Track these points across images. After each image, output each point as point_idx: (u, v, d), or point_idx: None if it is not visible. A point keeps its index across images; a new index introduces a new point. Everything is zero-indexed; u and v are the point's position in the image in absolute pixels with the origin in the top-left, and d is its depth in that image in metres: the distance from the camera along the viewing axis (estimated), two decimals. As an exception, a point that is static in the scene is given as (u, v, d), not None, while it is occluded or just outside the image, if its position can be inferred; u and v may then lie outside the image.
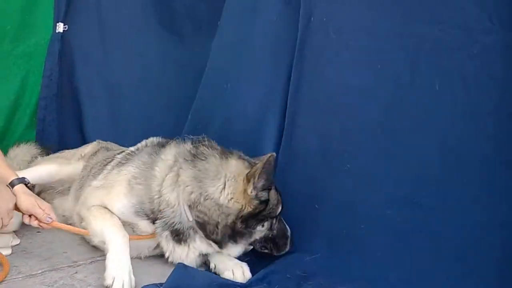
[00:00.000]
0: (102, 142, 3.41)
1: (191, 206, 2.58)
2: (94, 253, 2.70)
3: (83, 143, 3.60)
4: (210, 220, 2.56)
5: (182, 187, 2.60)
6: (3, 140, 3.74)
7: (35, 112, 3.98)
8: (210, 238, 2.60)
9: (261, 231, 2.68)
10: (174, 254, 2.64)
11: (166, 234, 2.63)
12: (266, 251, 2.76)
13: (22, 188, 2.53)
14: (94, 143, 3.42)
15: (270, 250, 2.75)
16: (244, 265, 2.65)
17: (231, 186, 2.57)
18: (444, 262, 2.48)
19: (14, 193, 2.47)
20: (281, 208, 2.70)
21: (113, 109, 3.99)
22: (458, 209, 2.47)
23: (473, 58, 2.43)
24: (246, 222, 2.57)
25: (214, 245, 2.62)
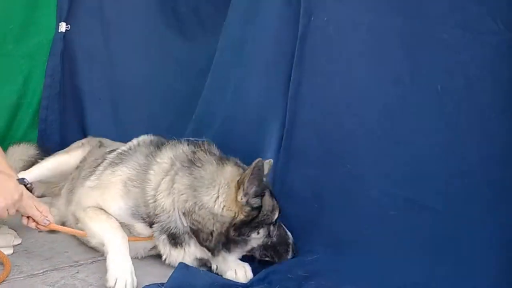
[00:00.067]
0: (93, 138, 3.44)
1: (186, 214, 2.57)
2: (96, 253, 2.69)
3: (85, 143, 3.60)
4: (204, 228, 2.54)
5: (177, 195, 2.58)
6: (5, 139, 3.75)
7: (37, 111, 3.99)
8: (203, 245, 2.58)
9: (257, 239, 2.62)
10: (171, 257, 2.64)
11: (163, 238, 2.62)
12: (268, 259, 2.70)
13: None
14: (87, 139, 3.46)
15: (271, 257, 2.69)
16: (246, 265, 2.65)
17: (224, 194, 2.54)
18: (445, 262, 2.47)
19: None
20: (278, 214, 2.65)
21: (115, 108, 4.00)
22: (460, 209, 2.46)
23: (477, 59, 2.41)
24: (239, 230, 2.53)
25: (207, 252, 2.60)
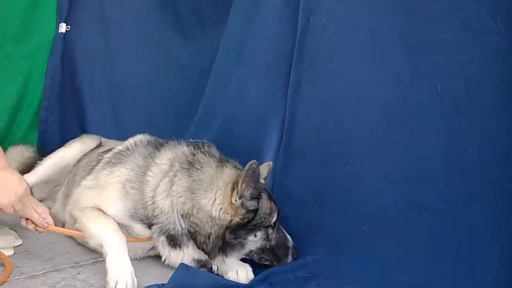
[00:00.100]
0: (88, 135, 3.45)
1: (184, 216, 2.57)
2: (96, 253, 2.69)
3: (86, 143, 3.60)
4: (202, 231, 2.54)
5: (176, 197, 2.58)
6: (5, 140, 3.73)
7: (38, 112, 3.97)
8: (200, 248, 2.58)
9: (255, 242, 2.61)
10: (170, 258, 2.64)
11: (162, 239, 2.62)
12: (267, 263, 2.68)
13: None
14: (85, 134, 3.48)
15: (270, 261, 2.67)
16: (247, 266, 2.65)
17: (221, 196, 2.54)
18: (445, 262, 2.48)
19: None
20: (276, 217, 2.64)
21: (116, 109, 3.99)
22: (460, 209, 2.46)
23: (477, 59, 2.41)
24: (235, 232, 2.53)
25: (204, 254, 2.60)
